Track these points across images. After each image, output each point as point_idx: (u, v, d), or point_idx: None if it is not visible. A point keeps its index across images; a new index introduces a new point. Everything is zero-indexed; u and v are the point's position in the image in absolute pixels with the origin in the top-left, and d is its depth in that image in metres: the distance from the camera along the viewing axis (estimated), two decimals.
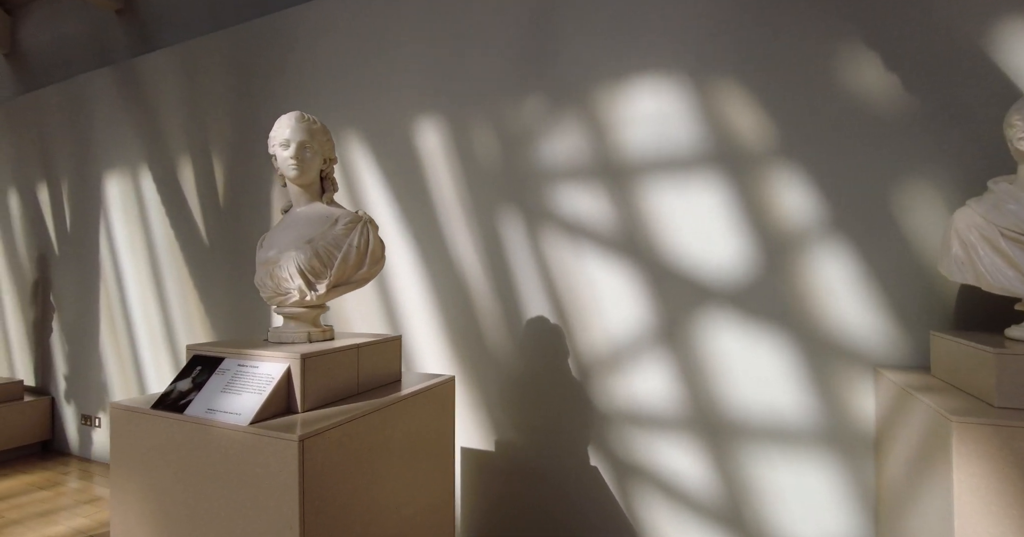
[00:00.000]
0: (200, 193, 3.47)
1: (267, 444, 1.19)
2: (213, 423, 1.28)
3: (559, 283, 2.42)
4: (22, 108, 4.61)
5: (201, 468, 1.29)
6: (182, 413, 1.34)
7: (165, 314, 3.63)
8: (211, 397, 1.35)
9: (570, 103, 2.40)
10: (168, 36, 3.91)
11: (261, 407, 1.27)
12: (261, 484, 1.20)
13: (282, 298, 1.56)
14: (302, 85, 3.08)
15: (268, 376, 1.34)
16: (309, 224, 1.62)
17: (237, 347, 1.49)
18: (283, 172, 1.64)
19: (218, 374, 1.40)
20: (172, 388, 1.43)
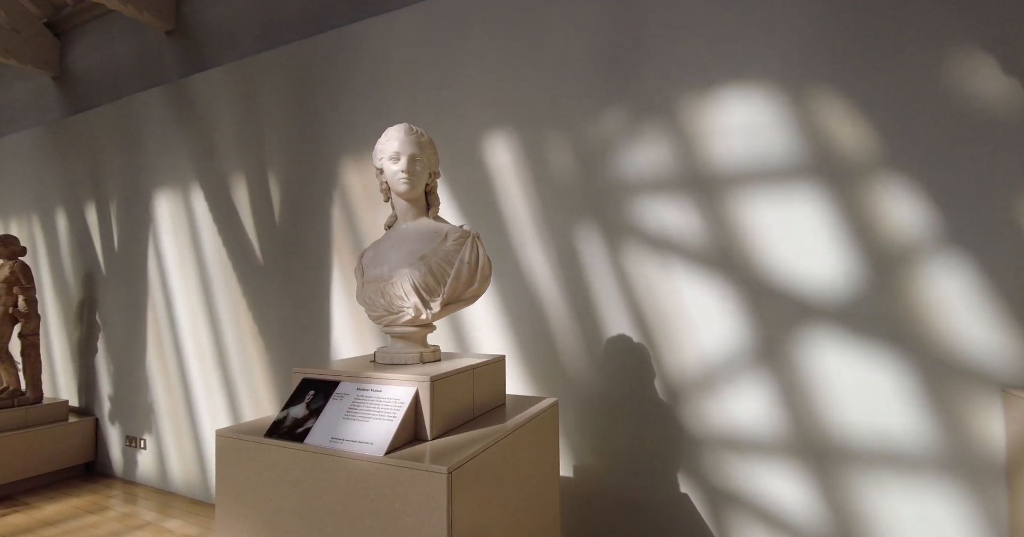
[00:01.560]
0: (255, 211, 3.44)
1: (410, 477, 1.10)
2: (340, 453, 1.19)
3: (644, 300, 2.32)
4: (71, 129, 4.65)
5: (327, 503, 1.20)
6: (302, 442, 1.26)
7: (216, 334, 3.57)
8: (333, 424, 1.26)
9: (653, 114, 2.33)
10: (220, 55, 3.92)
11: (395, 435, 1.18)
12: (401, 520, 1.10)
13: (394, 317, 1.48)
14: (365, 102, 3.06)
15: (396, 401, 1.25)
16: (419, 240, 1.55)
17: (350, 370, 1.40)
18: (392, 186, 1.57)
19: (336, 399, 1.32)
20: (285, 415, 1.35)
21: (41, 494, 3.73)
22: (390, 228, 1.67)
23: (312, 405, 1.33)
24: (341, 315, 3.06)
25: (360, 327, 2.99)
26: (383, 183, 1.65)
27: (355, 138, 3.07)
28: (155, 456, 3.86)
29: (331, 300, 3.10)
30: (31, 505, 3.54)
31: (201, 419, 3.61)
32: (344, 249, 3.07)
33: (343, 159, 3.10)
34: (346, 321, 3.04)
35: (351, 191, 3.07)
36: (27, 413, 3.87)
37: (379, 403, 1.27)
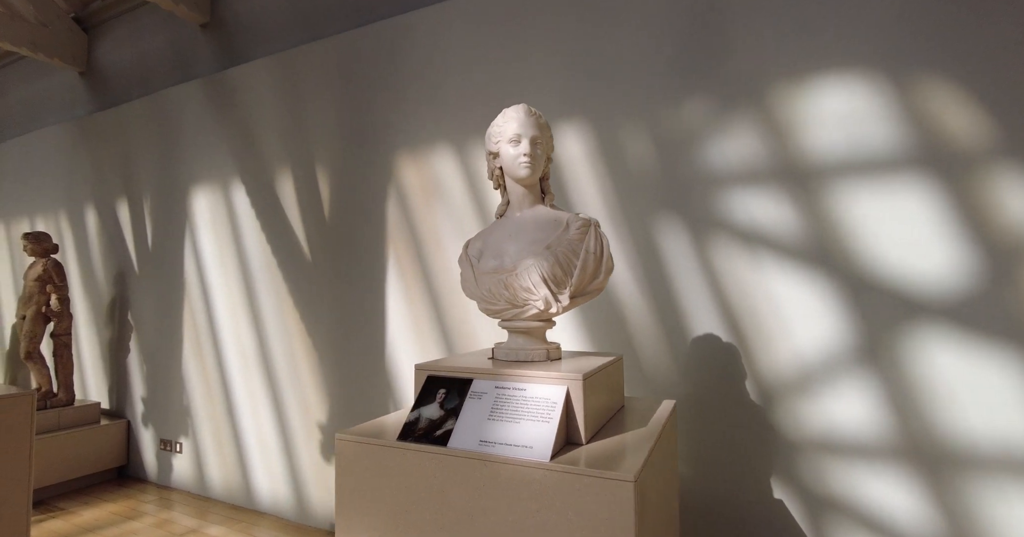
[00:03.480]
0: (302, 207, 3.33)
1: (588, 485, 0.99)
2: (495, 458, 1.09)
3: (733, 298, 2.22)
4: (100, 125, 4.55)
5: (480, 512, 1.09)
6: (445, 445, 1.15)
7: (259, 334, 3.46)
8: (477, 426, 1.16)
9: (741, 103, 2.23)
10: (257, 48, 3.82)
11: (555, 439, 1.08)
12: (577, 532, 0.99)
13: (518, 310, 1.38)
14: (419, 95, 2.95)
15: (547, 400, 1.14)
16: (538, 228, 1.44)
17: (480, 367, 1.30)
18: (510, 171, 1.47)
19: (473, 399, 1.21)
20: (417, 416, 1.24)
21: (76, 499, 3.60)
22: (502, 217, 1.56)
23: (446, 405, 1.23)
24: (397, 314, 2.95)
25: (419, 326, 2.88)
26: (494, 169, 1.55)
27: (411, 132, 2.97)
28: (192, 460, 3.74)
29: (386, 298, 2.99)
30: (68, 510, 3.41)
31: (243, 422, 3.50)
32: (400, 245, 2.97)
33: (398, 153, 3.00)
34: (403, 320, 2.93)
35: (407, 186, 2.97)
36: (60, 415, 3.75)
37: (527, 403, 1.16)
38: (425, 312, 2.87)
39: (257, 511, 3.40)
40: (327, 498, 3.12)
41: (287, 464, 3.29)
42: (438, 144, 2.88)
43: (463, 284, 1.54)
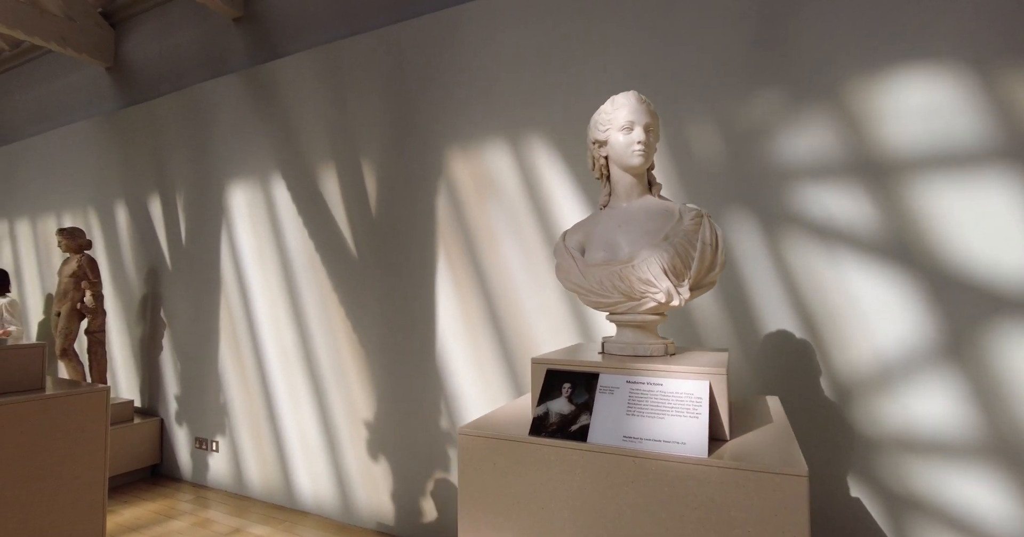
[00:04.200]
0: (347, 202, 3.29)
1: (756, 480, 0.95)
2: (645, 454, 1.05)
3: (807, 294, 2.18)
4: (130, 120, 4.50)
5: (628, 508, 1.05)
6: (584, 440, 1.11)
7: (302, 331, 3.41)
8: (616, 422, 1.12)
9: (815, 96, 2.20)
10: (293, 43, 3.78)
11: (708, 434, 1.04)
12: (740, 529, 0.96)
13: (635, 303, 1.34)
14: (471, 87, 2.91)
15: (690, 395, 1.11)
16: (650, 219, 1.41)
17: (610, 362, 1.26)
18: (620, 159, 1.43)
19: (605, 394, 1.17)
20: (545, 411, 1.20)
21: (114, 498, 3.56)
22: (605, 207, 1.52)
23: (575, 400, 1.19)
24: (448, 311, 2.91)
25: (471, 323, 2.84)
26: (598, 158, 1.51)
27: (462, 127, 2.93)
28: (229, 459, 3.70)
29: (436, 295, 2.95)
30: (108, 510, 3.36)
31: (284, 421, 3.45)
32: (451, 241, 2.93)
33: (448, 147, 2.96)
34: (455, 317, 2.89)
35: (458, 181, 2.93)
36: None
37: (667, 398, 1.12)
38: (478, 309, 2.83)
39: (299, 510, 3.36)
40: (373, 497, 3.08)
41: (331, 463, 3.25)
42: (491, 139, 2.84)
43: (563, 275, 1.50)
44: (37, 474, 1.65)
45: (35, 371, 1.75)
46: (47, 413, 1.68)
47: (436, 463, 2.91)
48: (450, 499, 2.85)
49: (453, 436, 2.86)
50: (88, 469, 1.75)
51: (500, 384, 2.74)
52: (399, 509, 3.01)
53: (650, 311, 1.35)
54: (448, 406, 2.89)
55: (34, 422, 1.65)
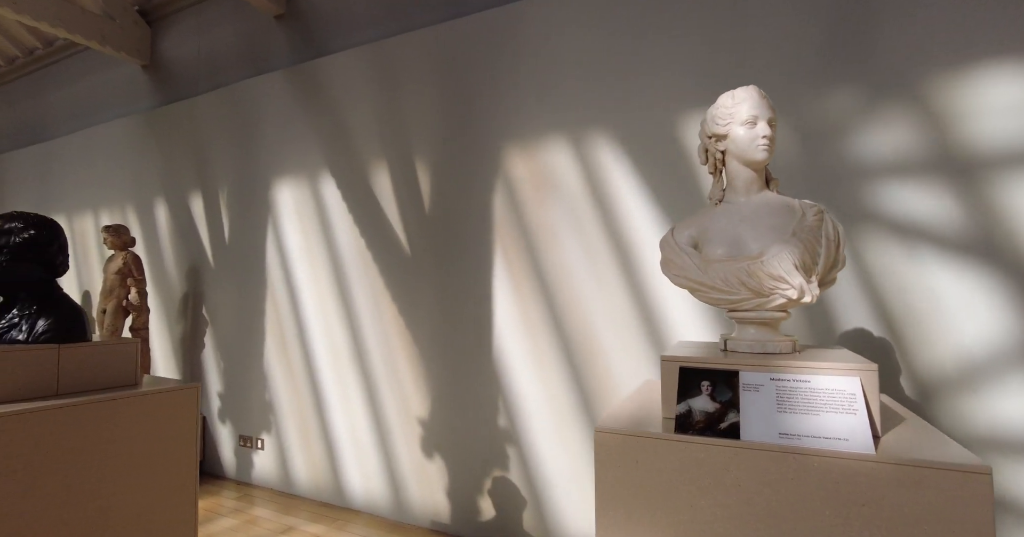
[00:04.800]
0: (399, 199, 3.29)
1: (933, 477, 0.94)
2: (806, 451, 1.04)
3: (886, 292, 2.17)
4: (170, 117, 4.51)
5: (788, 507, 1.04)
6: (738, 438, 1.10)
7: (352, 328, 3.41)
8: (768, 419, 1.11)
9: (893, 92, 2.18)
10: (337, 40, 3.78)
11: None
12: (916, 526, 0.95)
13: (763, 300, 1.33)
14: (529, 83, 2.90)
15: (843, 392, 1.09)
16: (774, 215, 1.40)
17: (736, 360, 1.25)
18: (742, 154, 1.42)
19: (749, 391, 1.16)
20: (687, 409, 1.19)
21: None
22: (721, 202, 1.51)
23: (719, 397, 1.18)
24: (506, 309, 2.90)
25: (530, 322, 2.83)
26: (714, 152, 1.50)
27: (520, 124, 2.92)
28: (275, 457, 3.69)
29: (493, 293, 2.94)
30: None
31: (333, 418, 3.45)
32: (508, 239, 2.92)
33: (506, 144, 2.95)
34: (513, 316, 2.88)
35: (516, 178, 2.92)
36: None
37: (818, 395, 1.11)
38: (537, 307, 2.82)
39: (348, 508, 3.36)
40: (428, 495, 3.07)
41: (383, 461, 3.24)
42: (551, 136, 2.83)
43: (674, 271, 1.49)
44: (132, 472, 1.64)
45: (130, 367, 1.74)
46: (141, 410, 1.68)
47: (494, 461, 2.90)
48: (509, 497, 2.84)
49: (512, 434, 2.85)
50: (180, 467, 1.75)
51: (561, 383, 2.73)
52: (455, 507, 3.01)
53: (777, 308, 1.34)
54: (506, 404, 2.88)
55: (129, 419, 1.64)
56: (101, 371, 1.65)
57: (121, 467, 1.62)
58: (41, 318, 1.55)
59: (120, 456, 1.63)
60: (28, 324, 1.53)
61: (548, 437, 2.76)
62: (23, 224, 1.59)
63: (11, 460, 1.36)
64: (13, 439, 1.36)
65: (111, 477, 1.57)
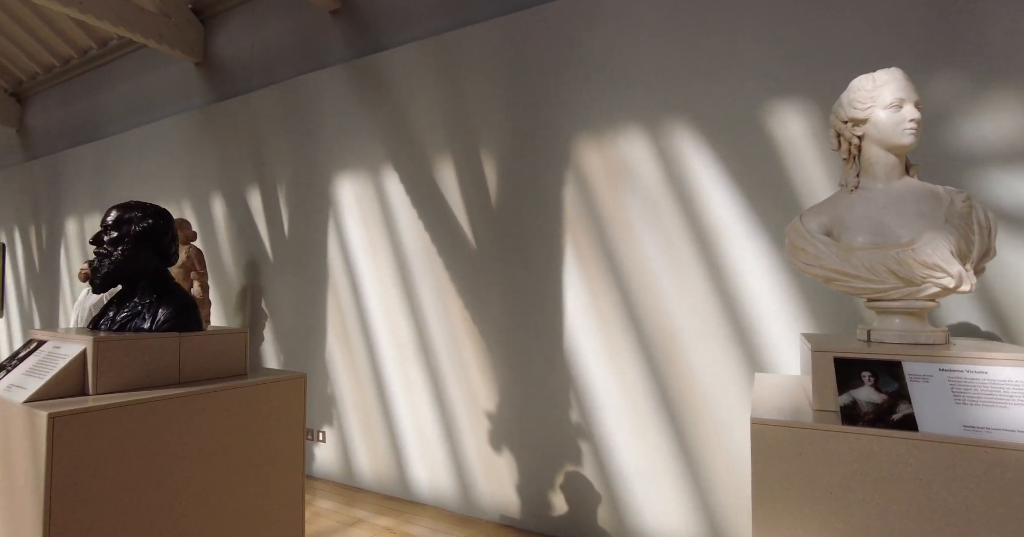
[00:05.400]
0: (464, 193, 3.27)
1: None
2: (999, 444, 0.99)
3: (994, 283, 2.08)
4: (225, 113, 4.56)
5: (979, 502, 0.99)
6: (915, 430, 1.06)
7: (417, 322, 3.41)
8: (946, 411, 1.06)
9: (1000, 79, 2.09)
10: (401, 33, 3.77)
11: None
12: None
13: (912, 289, 1.28)
14: (602, 75, 2.86)
15: (1018, 383, 1.04)
16: (920, 201, 1.34)
17: (913, 351, 1.20)
18: (889, 138, 1.36)
19: (918, 382, 1.11)
20: (851, 400, 1.14)
21: None
22: (856, 188, 1.46)
23: (885, 388, 1.13)
24: (578, 303, 2.86)
25: (604, 316, 2.79)
26: (849, 138, 1.44)
27: (593, 115, 2.88)
28: (337, 450, 3.72)
29: (563, 287, 2.91)
30: None
31: (397, 412, 3.46)
32: (580, 232, 2.88)
33: (577, 137, 2.92)
34: (585, 310, 2.85)
35: (588, 171, 2.88)
36: None
37: (1001, 387, 1.06)
38: (610, 301, 2.78)
39: (414, 502, 3.36)
40: (497, 489, 3.06)
41: (450, 454, 3.24)
42: (626, 127, 2.78)
43: (807, 260, 1.44)
44: (242, 464, 1.64)
45: (239, 357, 1.75)
46: (251, 400, 1.68)
47: (566, 456, 2.88)
48: (582, 493, 2.81)
49: (585, 429, 2.82)
50: (288, 458, 1.75)
51: (637, 379, 2.69)
52: (524, 502, 2.99)
53: (928, 297, 1.29)
54: (579, 399, 2.85)
55: (239, 409, 1.65)
56: (215, 360, 1.66)
57: (237, 456, 1.63)
58: (161, 307, 1.57)
59: (237, 445, 1.63)
60: (150, 313, 1.55)
61: (624, 433, 2.72)
62: (142, 213, 1.61)
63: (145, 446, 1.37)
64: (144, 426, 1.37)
65: (229, 466, 1.58)
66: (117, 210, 1.61)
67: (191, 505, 1.44)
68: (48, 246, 6.22)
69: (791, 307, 2.38)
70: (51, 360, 1.38)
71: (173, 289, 1.65)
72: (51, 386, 1.30)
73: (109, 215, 1.61)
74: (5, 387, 1.36)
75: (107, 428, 1.26)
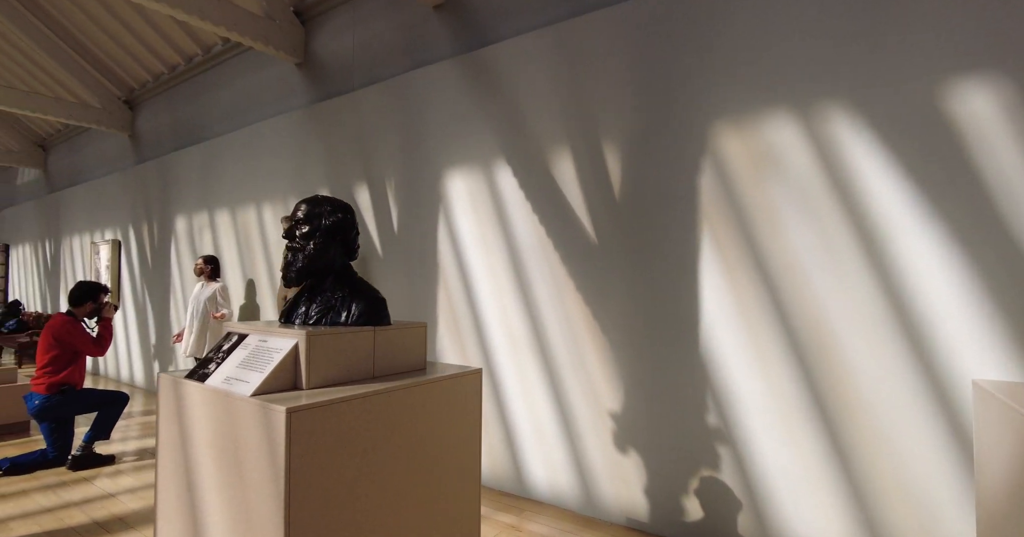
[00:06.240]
0: (584, 186, 3.18)
1: None
2: None
3: None
4: (330, 112, 4.66)
5: None
6: None
7: (532, 319, 3.35)
8: None
9: None
10: (509, 25, 3.70)
11: None
12: None
13: None
14: (746, 53, 2.68)
15: None
16: None
17: None
18: None
19: None
20: None
21: None
22: None
23: None
24: (717, 299, 2.71)
25: (747, 313, 2.63)
26: None
27: (733, 99, 2.70)
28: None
29: (699, 282, 2.76)
30: None
31: (512, 409, 3.42)
32: (719, 224, 2.73)
33: (715, 122, 2.75)
34: (725, 306, 2.69)
35: (728, 158, 2.71)
36: None
37: None
38: (756, 298, 2.61)
39: (531, 499, 3.32)
40: (623, 491, 2.96)
41: (570, 454, 3.17)
42: (772, 110, 2.60)
43: None
44: (426, 462, 1.60)
45: (421, 350, 1.73)
46: (432, 396, 1.64)
47: (701, 459, 2.74)
48: (720, 498, 2.67)
49: (724, 432, 2.67)
50: (466, 455, 1.72)
51: (788, 380, 2.52)
52: (654, 505, 2.88)
53: None
54: (716, 401, 2.71)
55: (422, 406, 1.61)
56: (402, 354, 1.64)
57: (415, 459, 1.60)
58: (354, 301, 1.56)
59: (431, 439, 1.60)
60: (345, 307, 1.55)
61: (770, 437, 2.56)
62: (331, 207, 1.61)
63: (362, 440, 1.35)
64: (361, 421, 1.35)
65: (426, 460, 1.56)
66: (307, 204, 1.62)
67: (400, 501, 1.43)
68: (159, 243, 6.62)
69: (969, 304, 2.14)
70: (262, 354, 1.39)
71: (360, 283, 1.64)
72: (270, 380, 1.31)
73: (299, 210, 1.61)
74: (222, 379, 1.39)
75: (332, 422, 1.25)
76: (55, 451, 3.80)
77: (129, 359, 7.12)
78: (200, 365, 1.51)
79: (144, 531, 2.87)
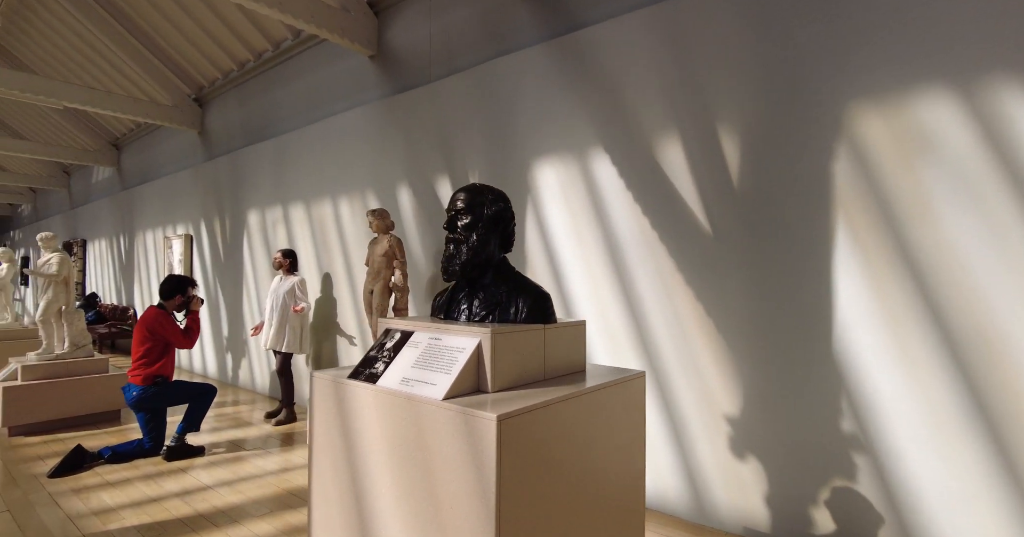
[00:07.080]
0: (695, 173, 2.99)
1: None
2: None
3: None
4: (409, 104, 4.59)
5: None
6: None
7: (633, 314, 3.19)
8: None
9: None
10: (599, 8, 3.52)
11: None
12: None
13: None
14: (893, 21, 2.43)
15: None
16: None
17: None
18: None
19: None
20: None
21: None
22: None
23: None
24: (854, 296, 2.49)
25: (891, 312, 2.40)
26: None
27: (874, 75, 2.46)
28: None
29: (833, 277, 2.55)
30: None
31: None
32: (857, 214, 2.50)
33: (852, 101, 2.52)
34: (864, 303, 2.47)
35: (868, 142, 2.48)
36: None
37: None
38: (902, 296, 2.38)
39: None
40: (739, 499, 2.78)
41: (678, 458, 3.01)
42: (924, 86, 2.35)
43: None
44: (589, 476, 1.44)
45: (581, 349, 1.60)
46: (594, 402, 1.49)
47: (833, 469, 2.53)
48: (856, 511, 2.46)
49: (862, 441, 2.46)
50: (630, 465, 1.58)
51: (942, 386, 2.28)
52: (776, 515, 2.69)
53: None
54: (853, 406, 2.49)
55: (585, 412, 1.46)
56: (566, 353, 1.52)
57: (576, 472, 1.46)
58: (520, 297, 1.45)
59: (609, 441, 1.46)
60: (512, 303, 1.43)
61: (920, 449, 2.33)
62: (493, 196, 1.50)
63: (559, 445, 1.23)
64: (557, 425, 1.23)
65: (607, 462, 1.43)
66: (466, 193, 1.51)
67: (583, 515, 1.31)
68: (231, 237, 6.74)
69: None
70: (440, 353, 1.29)
71: (521, 277, 1.52)
72: (459, 383, 1.20)
73: (459, 199, 1.50)
74: (399, 380, 1.29)
75: (537, 430, 1.13)
76: (151, 441, 3.88)
77: (202, 352, 7.30)
78: (363, 364, 1.42)
79: (250, 526, 2.87)
